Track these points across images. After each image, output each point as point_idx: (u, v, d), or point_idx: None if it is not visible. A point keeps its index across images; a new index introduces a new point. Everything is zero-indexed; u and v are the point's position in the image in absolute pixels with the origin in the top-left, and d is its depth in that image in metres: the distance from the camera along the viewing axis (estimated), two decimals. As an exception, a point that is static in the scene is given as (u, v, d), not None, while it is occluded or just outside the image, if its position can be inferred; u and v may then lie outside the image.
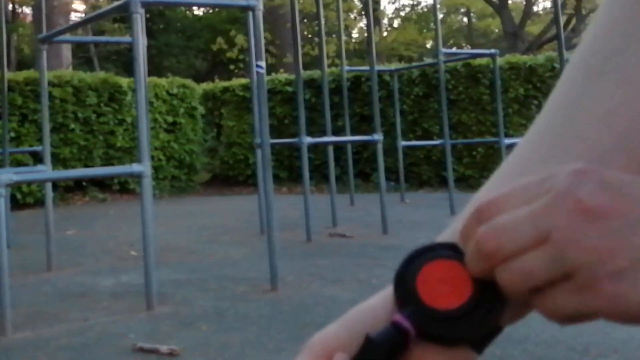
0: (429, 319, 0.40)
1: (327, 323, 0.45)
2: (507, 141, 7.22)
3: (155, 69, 15.04)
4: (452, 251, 0.41)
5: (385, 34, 24.65)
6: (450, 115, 8.67)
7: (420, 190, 9.57)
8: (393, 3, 42.46)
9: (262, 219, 5.58)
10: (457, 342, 0.40)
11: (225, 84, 12.10)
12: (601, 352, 2.60)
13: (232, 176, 11.47)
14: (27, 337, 3.10)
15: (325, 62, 6.70)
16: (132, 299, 3.69)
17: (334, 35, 18.47)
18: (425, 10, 26.34)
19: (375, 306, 0.43)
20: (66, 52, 14.15)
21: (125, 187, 9.82)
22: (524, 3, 21.14)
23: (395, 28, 27.16)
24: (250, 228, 6.12)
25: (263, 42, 4.24)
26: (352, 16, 22.55)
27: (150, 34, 13.09)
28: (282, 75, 11.74)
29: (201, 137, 11.40)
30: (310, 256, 4.84)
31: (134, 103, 8.91)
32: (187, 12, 23.21)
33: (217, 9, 21.04)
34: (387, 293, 0.43)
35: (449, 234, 0.45)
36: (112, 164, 9.42)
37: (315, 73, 10.52)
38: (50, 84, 8.50)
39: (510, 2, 20.75)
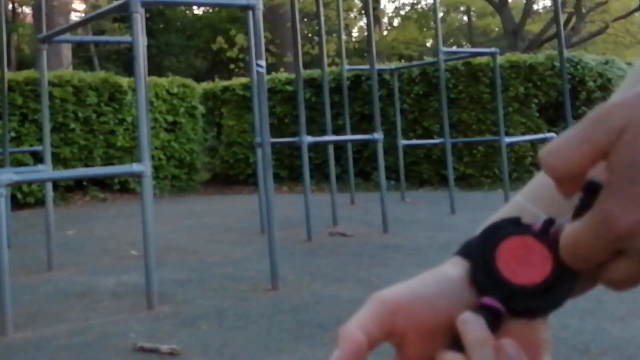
0: (518, 297, 0.40)
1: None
2: (508, 140, 7.22)
3: (155, 69, 15.04)
4: (520, 226, 0.42)
5: (385, 32, 24.65)
6: (451, 114, 8.66)
7: (420, 189, 9.56)
8: (393, 2, 42.47)
9: (263, 218, 5.58)
10: (545, 314, 0.41)
11: (226, 83, 12.10)
12: (602, 351, 2.60)
13: (233, 175, 11.47)
14: (27, 337, 3.11)
15: (326, 61, 6.70)
16: (132, 299, 3.69)
17: (334, 34, 18.47)
18: (425, 9, 26.34)
19: (452, 279, 0.43)
20: (66, 51, 14.15)
21: (125, 187, 9.82)
22: (524, 2, 21.13)
23: (395, 27, 27.15)
24: (250, 227, 6.12)
25: (263, 41, 4.23)
26: (352, 15, 22.53)
27: (150, 33, 13.09)
28: (282, 75, 11.74)
29: (201, 137, 11.40)
30: (310, 255, 4.84)
31: (134, 102, 8.92)
32: (187, 11, 23.21)
33: (217, 8, 21.03)
34: (460, 266, 0.43)
35: (510, 207, 0.45)
36: (113, 164, 9.42)
37: (315, 72, 10.51)
38: (51, 83, 8.50)
39: (510, 0, 20.74)
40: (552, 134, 7.54)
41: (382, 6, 25.40)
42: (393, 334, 0.42)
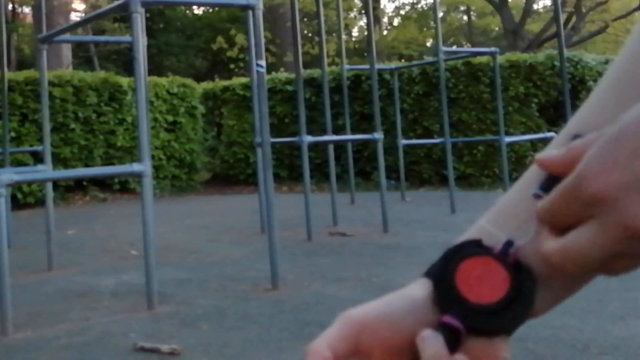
0: (476, 315, 0.41)
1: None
2: (508, 139, 7.22)
3: (155, 69, 15.04)
4: (481, 248, 0.43)
5: (385, 32, 24.63)
6: (451, 114, 8.66)
7: (420, 189, 9.56)
8: (393, 1, 42.44)
9: (263, 218, 5.58)
10: (502, 332, 0.42)
11: (226, 83, 12.10)
12: (602, 350, 2.59)
13: (233, 175, 11.47)
14: (28, 337, 3.11)
15: (326, 60, 6.69)
16: (133, 299, 3.69)
17: (334, 34, 18.47)
18: (425, 8, 26.33)
19: (416, 299, 0.45)
20: (66, 51, 14.14)
21: (125, 187, 9.82)
22: (524, 1, 21.12)
23: (395, 26, 27.14)
24: (250, 227, 6.12)
25: (263, 41, 4.23)
26: (352, 15, 22.54)
27: (150, 33, 13.08)
28: (283, 74, 11.74)
29: (201, 137, 11.40)
30: (311, 255, 4.84)
31: (134, 102, 8.91)
32: (187, 11, 23.20)
33: (217, 8, 21.03)
34: (424, 287, 0.45)
35: (473, 231, 0.46)
36: (113, 164, 9.42)
37: (315, 72, 10.51)
38: (51, 83, 8.50)
39: (510, 0, 20.73)
40: (552, 134, 7.54)
41: (382, 6, 25.41)
42: (359, 351, 0.44)
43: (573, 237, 0.39)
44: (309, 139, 5.52)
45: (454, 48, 18.05)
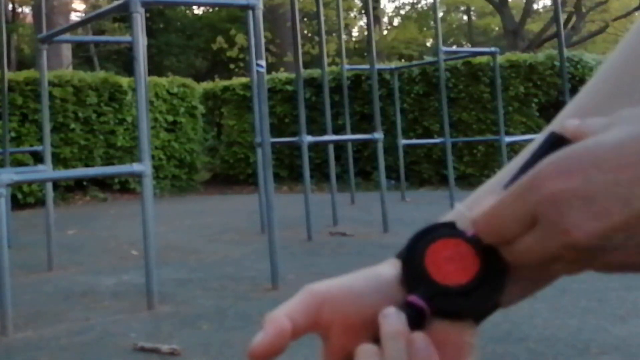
0: (442, 296, 0.41)
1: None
2: (508, 139, 7.22)
3: (155, 68, 15.03)
4: (453, 230, 0.43)
5: (385, 32, 24.64)
6: (451, 114, 8.66)
7: (420, 189, 9.56)
8: (393, 1, 42.43)
9: (263, 218, 5.58)
10: (468, 315, 0.42)
11: (226, 83, 12.10)
12: (602, 350, 2.59)
13: (233, 175, 11.47)
14: (28, 337, 3.11)
15: (326, 60, 6.70)
16: (133, 299, 3.69)
17: (334, 34, 18.46)
18: (425, 8, 26.33)
19: (383, 277, 0.45)
20: (66, 51, 14.14)
21: (125, 187, 9.82)
22: (524, 1, 21.12)
23: (395, 26, 27.14)
24: (251, 227, 6.12)
25: (263, 41, 4.23)
26: (352, 15, 22.53)
27: (150, 33, 13.08)
28: (283, 74, 11.74)
29: (201, 136, 11.40)
30: (311, 255, 4.84)
31: (134, 102, 8.91)
32: (187, 11, 23.19)
33: (217, 8, 21.03)
34: (393, 267, 0.45)
35: (450, 215, 0.46)
36: (113, 164, 9.42)
37: (315, 72, 10.51)
38: (51, 83, 8.50)
39: (510, 0, 20.73)
40: (552, 134, 7.52)
41: (382, 6, 25.41)
42: (319, 324, 0.44)
43: (523, 238, 0.39)
44: (309, 138, 5.52)
45: (454, 48, 18.05)
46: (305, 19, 20.72)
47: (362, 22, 22.42)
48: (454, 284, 0.41)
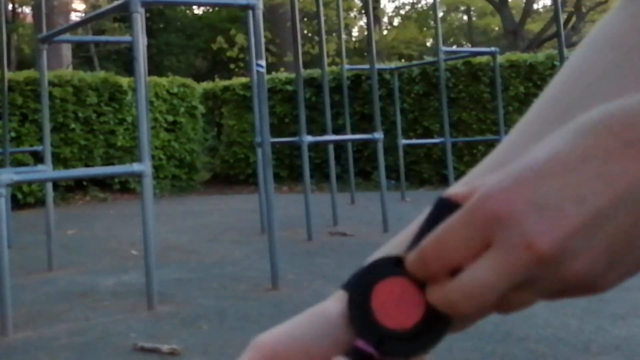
0: (390, 340, 0.40)
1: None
2: (508, 139, 7.21)
3: (155, 68, 15.05)
4: (399, 267, 0.41)
5: (385, 32, 24.66)
6: (451, 114, 8.66)
7: (420, 189, 9.56)
8: (393, 1, 42.46)
9: (263, 218, 5.58)
10: (417, 355, 0.41)
11: (226, 83, 12.10)
12: (602, 350, 2.59)
13: (233, 175, 11.47)
14: (28, 337, 3.11)
15: (326, 60, 6.69)
16: (133, 299, 3.69)
17: (334, 34, 18.47)
18: (425, 8, 26.34)
19: (330, 318, 0.43)
20: (66, 51, 14.15)
21: (126, 187, 9.82)
22: (524, 1, 21.13)
23: (395, 26, 27.16)
24: (251, 227, 6.12)
25: (263, 41, 4.23)
26: (352, 15, 22.55)
27: (150, 33, 13.08)
28: (283, 74, 11.74)
29: (202, 136, 11.40)
30: (311, 255, 4.84)
31: (134, 102, 8.92)
32: (187, 11, 23.20)
33: (217, 8, 21.03)
34: (339, 303, 0.43)
35: (395, 243, 0.44)
36: (113, 164, 9.42)
37: (315, 72, 10.51)
38: (51, 83, 8.50)
39: (510, 0, 20.74)
40: (552, 134, 7.53)
41: (382, 6, 25.42)
42: None
43: (472, 271, 0.36)
44: (309, 138, 5.51)
45: (454, 48, 18.05)
46: (305, 19, 20.72)
47: (362, 22, 22.43)
48: (399, 328, 0.40)
